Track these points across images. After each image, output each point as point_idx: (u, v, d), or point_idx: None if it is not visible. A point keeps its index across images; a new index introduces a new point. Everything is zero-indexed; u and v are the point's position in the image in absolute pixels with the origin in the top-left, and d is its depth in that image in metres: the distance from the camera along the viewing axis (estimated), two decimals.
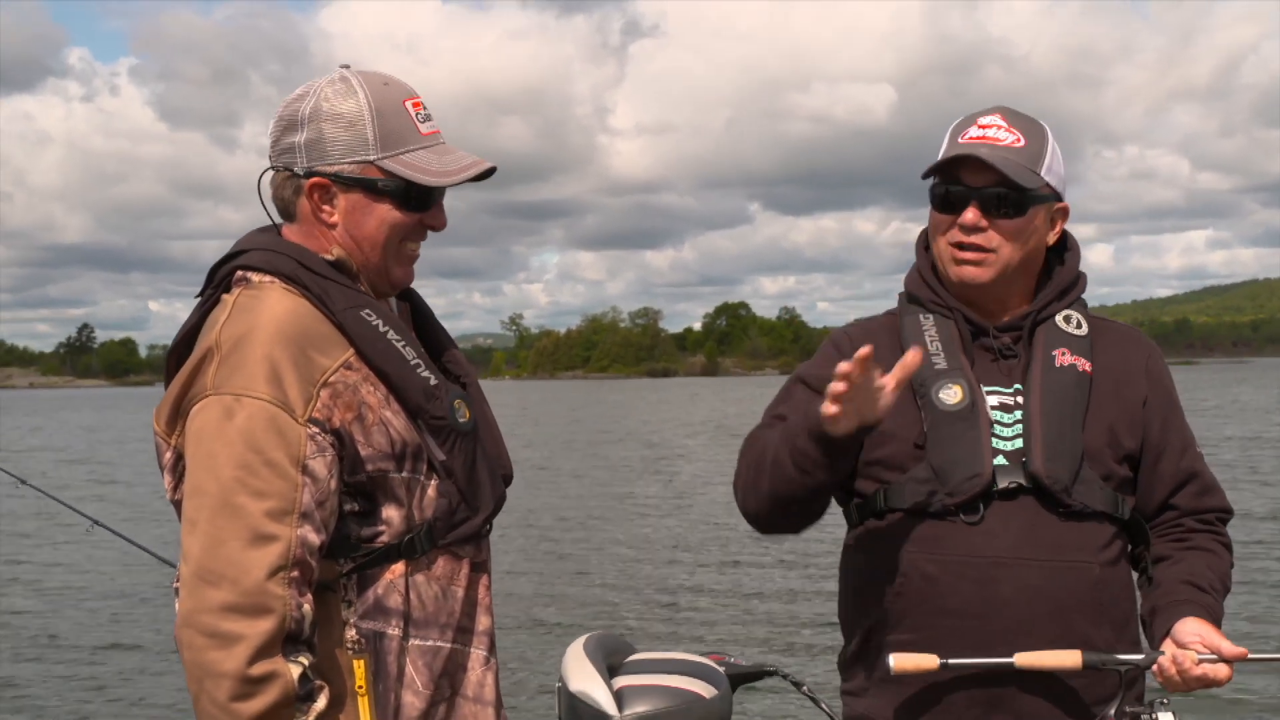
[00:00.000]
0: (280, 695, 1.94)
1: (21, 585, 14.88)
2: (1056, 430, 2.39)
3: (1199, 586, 2.36)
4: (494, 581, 2.34)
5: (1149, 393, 2.50)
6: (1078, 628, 2.35)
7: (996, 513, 2.38)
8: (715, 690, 2.71)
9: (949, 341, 2.49)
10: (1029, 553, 2.35)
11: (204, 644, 1.93)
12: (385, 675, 2.12)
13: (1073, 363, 2.46)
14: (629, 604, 13.30)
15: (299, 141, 2.16)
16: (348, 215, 2.18)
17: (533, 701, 9.19)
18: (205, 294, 2.22)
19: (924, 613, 2.41)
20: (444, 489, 2.17)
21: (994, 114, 2.50)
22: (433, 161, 2.19)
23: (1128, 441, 2.45)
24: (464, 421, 2.20)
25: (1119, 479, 2.44)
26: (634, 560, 16.09)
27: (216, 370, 2.04)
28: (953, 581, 2.38)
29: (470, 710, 2.24)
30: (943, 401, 2.43)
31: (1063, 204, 2.53)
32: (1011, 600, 2.35)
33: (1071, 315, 2.53)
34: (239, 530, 1.96)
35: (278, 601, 1.95)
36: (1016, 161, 2.42)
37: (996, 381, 2.47)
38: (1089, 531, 2.39)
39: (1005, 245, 2.44)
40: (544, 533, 18.44)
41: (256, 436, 1.99)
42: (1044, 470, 2.36)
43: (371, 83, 2.18)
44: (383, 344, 2.14)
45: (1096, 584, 2.38)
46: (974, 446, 2.38)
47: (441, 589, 2.18)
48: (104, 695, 9.94)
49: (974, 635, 2.36)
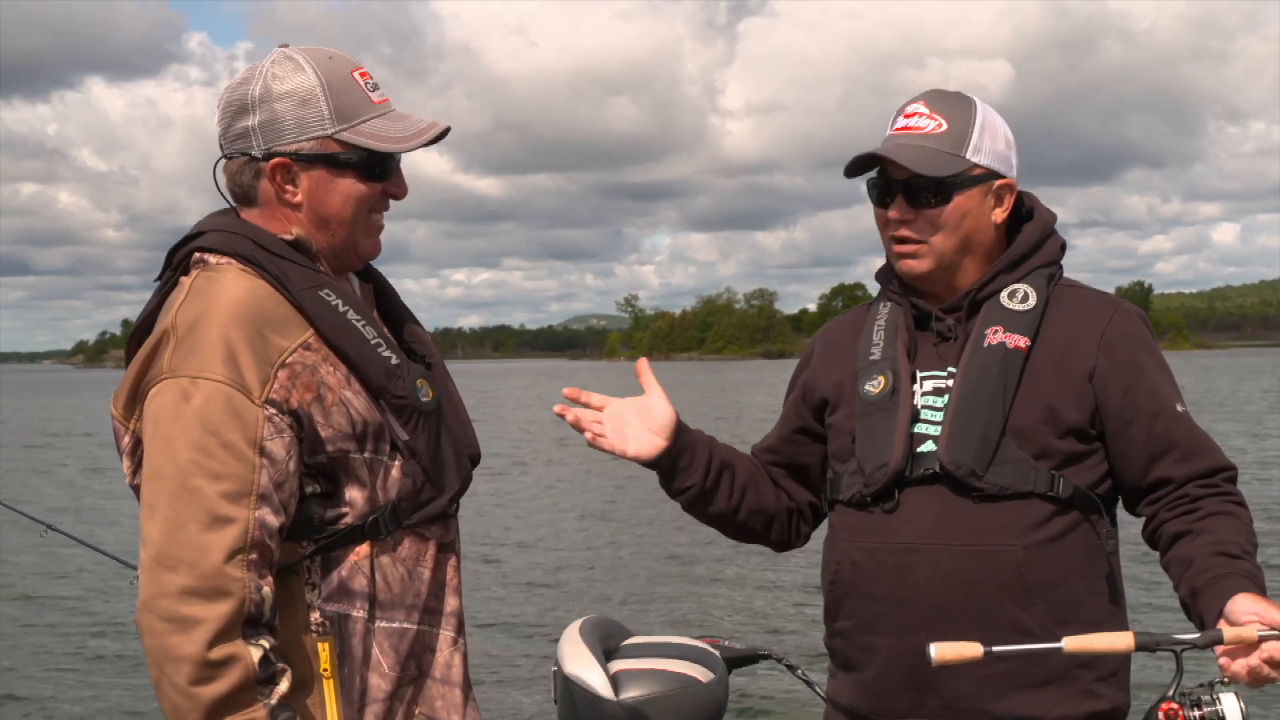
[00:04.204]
0: (241, 678, 1.92)
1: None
2: (968, 413, 2.38)
3: (1231, 554, 2.25)
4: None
5: (1099, 363, 2.42)
6: (1001, 611, 2.34)
7: (912, 500, 2.40)
8: (711, 674, 2.67)
9: (892, 330, 2.54)
10: (943, 538, 2.36)
11: (163, 629, 1.92)
12: (350, 658, 2.10)
13: (1002, 340, 2.42)
14: (625, 587, 13.36)
15: (252, 125, 2.14)
16: (311, 193, 2.16)
17: (529, 685, 9.18)
18: (163, 276, 2.21)
19: (855, 599, 2.47)
20: (408, 469, 2.15)
21: (918, 101, 2.51)
22: (390, 129, 2.18)
23: (1070, 416, 2.39)
24: (427, 401, 2.18)
25: (1062, 455, 2.39)
26: (637, 543, 16.20)
27: (172, 353, 2.03)
28: (874, 569, 2.43)
29: (438, 691, 2.22)
30: (867, 393, 2.49)
31: (1005, 180, 2.49)
32: (926, 585, 2.37)
33: (1019, 289, 2.47)
34: (196, 513, 1.94)
35: (236, 584, 1.93)
36: (934, 149, 2.42)
37: (935, 365, 2.48)
38: (1013, 513, 2.35)
39: (936, 234, 2.45)
40: (572, 517, 18.58)
41: (212, 418, 1.97)
42: (946, 456, 2.37)
43: (317, 57, 2.16)
44: (342, 323, 2.12)
45: (1021, 566, 2.34)
46: (887, 436, 2.43)
47: (407, 570, 2.17)
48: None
49: (897, 620, 2.40)
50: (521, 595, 12.96)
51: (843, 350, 2.61)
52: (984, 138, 2.45)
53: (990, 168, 2.46)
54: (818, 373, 2.66)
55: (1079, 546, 2.39)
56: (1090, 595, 2.40)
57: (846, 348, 2.60)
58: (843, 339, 2.64)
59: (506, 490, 22.30)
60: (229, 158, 2.19)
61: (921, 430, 2.42)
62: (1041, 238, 2.53)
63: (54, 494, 23.12)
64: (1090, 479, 2.41)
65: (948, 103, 2.48)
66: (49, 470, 28.12)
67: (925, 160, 2.41)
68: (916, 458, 2.40)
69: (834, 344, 2.67)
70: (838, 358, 2.62)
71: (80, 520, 18.15)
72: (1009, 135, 2.51)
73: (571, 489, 22.54)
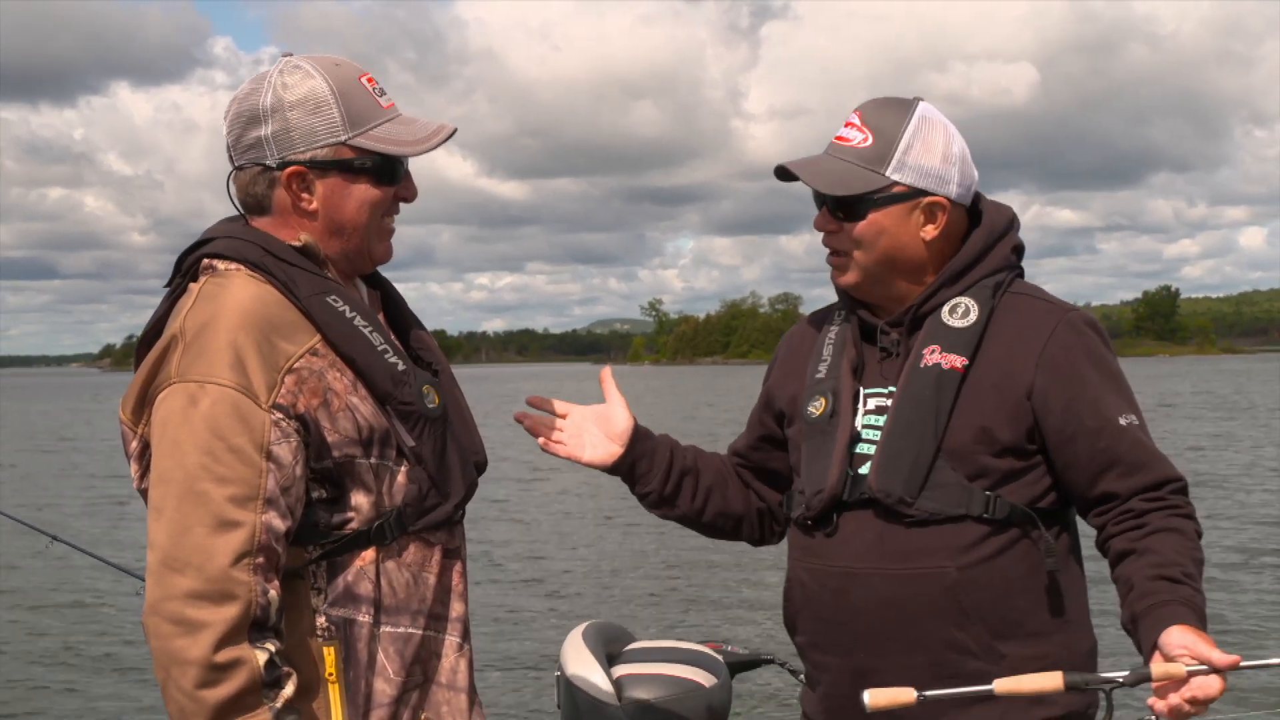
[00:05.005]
0: (246, 682, 1.94)
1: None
2: (899, 440, 2.38)
3: (1171, 579, 2.24)
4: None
5: (1038, 380, 2.37)
6: (936, 632, 2.35)
7: (849, 523, 2.43)
8: (715, 679, 2.69)
9: (840, 345, 2.54)
10: (876, 562, 2.38)
11: (170, 631, 1.93)
12: (356, 662, 2.11)
13: (938, 361, 2.39)
14: (629, 592, 13.37)
15: (265, 135, 2.15)
16: (326, 200, 2.17)
17: (533, 689, 9.17)
18: (173, 283, 2.23)
19: (806, 617, 2.52)
20: (414, 475, 2.16)
21: (858, 111, 2.49)
22: (401, 132, 2.19)
23: (1005, 435, 2.36)
24: (433, 407, 2.19)
25: (999, 474, 2.37)
26: (641, 548, 16.18)
27: (180, 358, 2.04)
28: (819, 590, 2.47)
29: (443, 697, 2.23)
30: (809, 415, 2.51)
31: (935, 198, 2.43)
32: (863, 609, 2.40)
33: (960, 303, 2.43)
34: (203, 517, 1.96)
35: (242, 588, 1.95)
36: (850, 164, 2.41)
37: (878, 383, 2.48)
38: (946, 535, 2.35)
39: (856, 249, 2.45)
40: (573, 522, 18.57)
41: (220, 423, 1.99)
42: (875, 484, 2.38)
43: (325, 65, 2.18)
44: (349, 330, 2.13)
45: (954, 587, 2.34)
46: (825, 461, 2.45)
47: (413, 575, 2.17)
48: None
49: (838, 639, 2.45)
50: (525, 599, 12.98)
51: (800, 360, 2.62)
52: (910, 154, 2.40)
53: (914, 185, 2.41)
54: (777, 383, 2.68)
55: (1018, 563, 2.37)
56: (1035, 609, 2.38)
57: (803, 359, 2.61)
58: (802, 348, 2.64)
59: (513, 495, 22.37)
60: (241, 169, 2.20)
61: (863, 450, 2.43)
62: (986, 247, 2.47)
63: (73, 498, 23.18)
64: (1030, 495, 2.39)
65: (882, 115, 2.44)
66: (67, 475, 28.20)
67: (835, 177, 2.41)
68: (855, 480, 2.41)
69: (794, 352, 2.67)
70: (794, 369, 2.62)
71: (94, 526, 18.14)
72: (953, 150, 2.44)
73: (578, 494, 22.52)
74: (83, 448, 36.60)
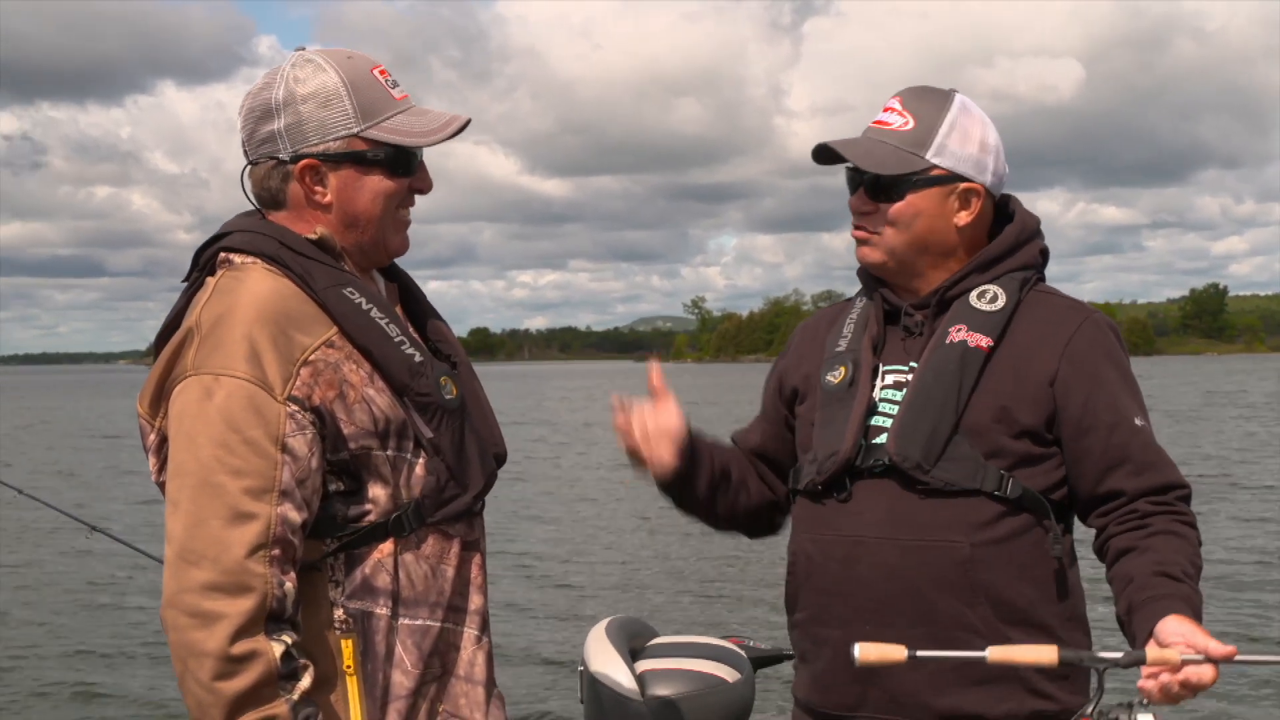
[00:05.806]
0: (263, 674, 1.94)
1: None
2: (920, 407, 2.39)
3: (1172, 576, 2.24)
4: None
5: (1061, 369, 2.40)
6: (942, 607, 2.34)
7: (863, 492, 2.42)
8: (738, 674, 2.68)
9: (861, 323, 2.56)
10: (890, 532, 2.38)
11: (187, 624, 1.94)
12: (373, 655, 2.11)
13: (965, 339, 2.42)
14: (652, 587, 13.32)
15: (278, 128, 2.16)
16: (340, 192, 2.18)
17: (554, 684, 9.18)
18: (190, 277, 2.23)
19: (808, 591, 2.50)
20: (432, 466, 2.16)
21: (898, 97, 2.52)
22: (414, 124, 2.19)
23: (1025, 418, 2.38)
24: (451, 399, 2.18)
25: (1015, 456, 2.38)
26: (664, 543, 16.17)
27: (196, 351, 2.05)
28: (824, 561, 2.46)
29: (461, 689, 2.22)
30: (828, 383, 2.52)
31: (971, 184, 2.47)
32: (868, 579, 2.39)
33: (989, 290, 2.47)
34: (219, 509, 1.96)
35: (258, 580, 1.95)
36: (892, 146, 2.44)
37: (898, 360, 2.49)
38: (960, 509, 2.35)
39: (889, 229, 2.47)
40: (588, 519, 18.61)
41: (235, 415, 1.99)
42: (894, 448, 2.38)
43: (337, 58, 2.18)
44: (365, 321, 2.13)
45: (966, 563, 2.34)
46: (841, 426, 2.44)
47: (431, 568, 2.17)
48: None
49: (842, 612, 2.42)
50: (548, 594, 12.97)
51: (817, 343, 2.63)
52: (951, 139, 2.45)
53: (953, 170, 2.45)
54: (791, 365, 2.68)
55: (1028, 550, 2.38)
56: (1041, 601, 2.38)
57: (820, 340, 2.62)
58: (819, 332, 2.66)
59: (538, 490, 22.41)
60: (255, 163, 2.20)
61: (878, 422, 2.43)
62: (1018, 241, 2.52)
63: (116, 492, 23.41)
64: (1044, 483, 2.39)
65: (923, 101, 2.49)
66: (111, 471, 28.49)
67: (878, 157, 2.44)
68: (869, 449, 2.41)
69: (810, 337, 2.69)
70: (811, 351, 2.63)
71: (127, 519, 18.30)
72: (989, 140, 2.49)
73: (602, 490, 22.52)
74: (127, 445, 37.00)
